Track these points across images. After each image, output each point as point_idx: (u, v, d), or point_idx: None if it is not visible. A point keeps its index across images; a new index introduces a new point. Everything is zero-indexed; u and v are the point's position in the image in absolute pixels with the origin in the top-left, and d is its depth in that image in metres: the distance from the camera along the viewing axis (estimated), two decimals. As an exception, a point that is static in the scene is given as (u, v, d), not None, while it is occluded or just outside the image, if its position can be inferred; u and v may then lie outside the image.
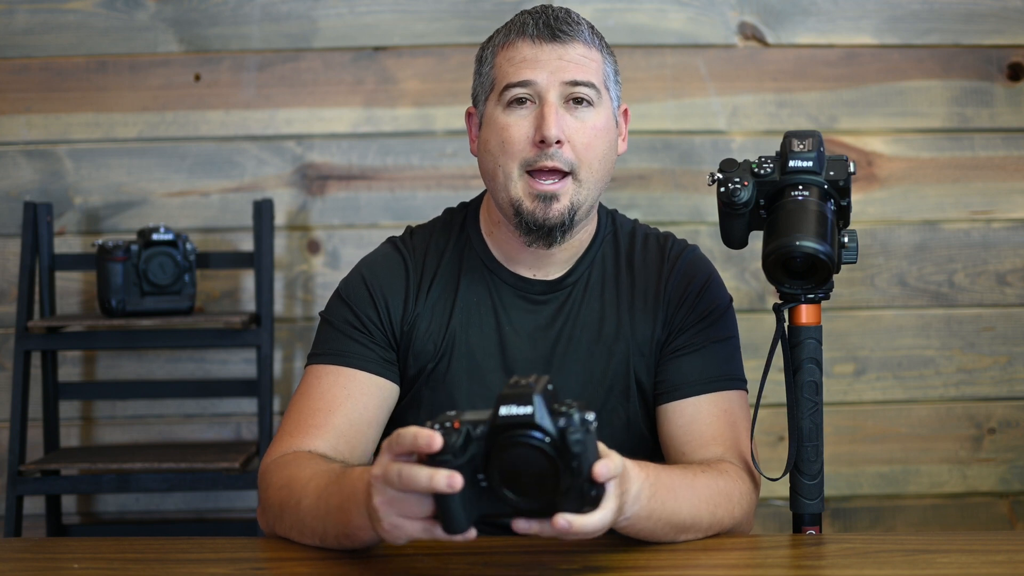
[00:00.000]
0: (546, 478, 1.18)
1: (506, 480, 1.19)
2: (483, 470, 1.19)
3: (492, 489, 1.19)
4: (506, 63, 1.61)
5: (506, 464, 1.18)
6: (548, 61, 1.59)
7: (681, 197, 2.71)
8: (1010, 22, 2.72)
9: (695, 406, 1.62)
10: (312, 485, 1.43)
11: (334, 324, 1.66)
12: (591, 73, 1.61)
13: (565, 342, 1.66)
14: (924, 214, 2.74)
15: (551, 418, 1.18)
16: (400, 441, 1.21)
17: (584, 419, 1.19)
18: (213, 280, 2.72)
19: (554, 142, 1.57)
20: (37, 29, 2.69)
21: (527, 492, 1.19)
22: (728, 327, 1.68)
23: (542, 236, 1.62)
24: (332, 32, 2.71)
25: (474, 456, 1.19)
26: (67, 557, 1.46)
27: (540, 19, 1.61)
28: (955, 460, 2.74)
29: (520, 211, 1.60)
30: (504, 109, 1.61)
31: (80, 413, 2.73)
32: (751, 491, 1.55)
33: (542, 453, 1.18)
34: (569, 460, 1.18)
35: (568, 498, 1.19)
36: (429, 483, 1.18)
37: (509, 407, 1.18)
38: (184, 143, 2.71)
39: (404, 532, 1.24)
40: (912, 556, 1.40)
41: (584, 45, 1.61)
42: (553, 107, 1.58)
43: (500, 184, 1.61)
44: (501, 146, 1.60)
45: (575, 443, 1.17)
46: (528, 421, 1.18)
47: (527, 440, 1.18)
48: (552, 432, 1.18)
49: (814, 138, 1.54)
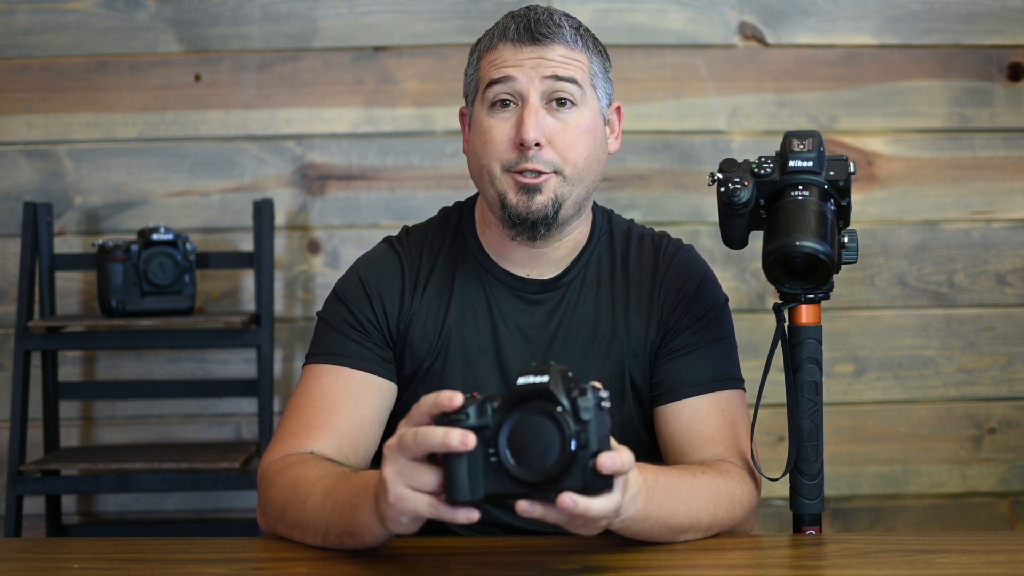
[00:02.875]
0: (552, 449, 1.19)
1: (514, 451, 1.20)
2: (494, 443, 1.21)
3: (500, 463, 1.20)
4: (488, 66, 1.62)
5: (516, 433, 1.20)
6: (527, 61, 1.60)
7: (681, 197, 2.71)
8: (1010, 22, 2.72)
9: (694, 406, 1.62)
10: (320, 485, 1.43)
11: (331, 324, 1.66)
12: (572, 71, 1.60)
13: (560, 342, 1.66)
14: (924, 214, 2.74)
15: (565, 390, 1.21)
16: (420, 406, 1.24)
17: (598, 395, 1.21)
18: (213, 280, 2.72)
19: (533, 144, 1.58)
20: (37, 29, 2.69)
21: (532, 465, 1.20)
22: (724, 327, 1.68)
23: (526, 229, 1.62)
24: (332, 32, 2.71)
25: (487, 426, 1.21)
26: (67, 557, 1.46)
27: (521, 22, 1.61)
28: (955, 460, 2.74)
29: (505, 204, 1.61)
30: (488, 110, 1.62)
31: (80, 413, 2.73)
32: (752, 491, 1.55)
33: (551, 420, 1.20)
34: (577, 432, 1.19)
35: (572, 475, 1.19)
36: (444, 439, 1.19)
37: (527, 377, 1.21)
38: (184, 143, 2.71)
39: (408, 505, 1.24)
40: (912, 556, 1.40)
41: (565, 46, 1.61)
42: (533, 108, 1.58)
43: (486, 182, 1.62)
44: (484, 147, 1.61)
45: (584, 411, 1.19)
46: (543, 389, 1.20)
47: (539, 407, 1.20)
48: (563, 402, 1.20)
49: (814, 138, 1.54)
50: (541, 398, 1.20)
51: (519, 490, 1.21)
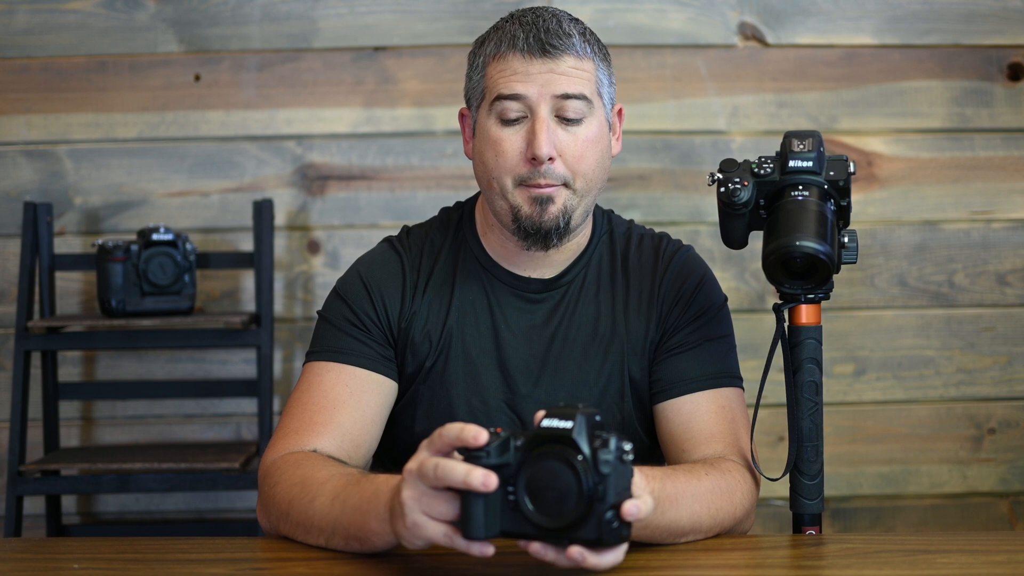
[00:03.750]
0: (569, 497, 1.19)
1: (532, 494, 1.20)
2: (513, 482, 1.21)
3: (517, 504, 1.20)
4: (497, 75, 1.61)
5: (535, 477, 1.20)
6: (539, 75, 1.59)
7: (681, 197, 2.71)
8: (1010, 22, 2.72)
9: (693, 403, 1.62)
10: (329, 485, 1.43)
11: (332, 322, 1.67)
12: (582, 84, 1.60)
13: (560, 341, 1.67)
14: (924, 214, 2.74)
15: (588, 438, 1.20)
16: (443, 434, 1.23)
17: (620, 447, 1.20)
18: (213, 280, 2.72)
19: (545, 160, 1.58)
20: (37, 29, 2.69)
21: (549, 511, 1.20)
22: (723, 326, 1.68)
23: (539, 240, 1.62)
24: (332, 32, 2.71)
25: (508, 464, 1.21)
26: (67, 557, 1.46)
27: (531, 32, 1.60)
28: (955, 460, 2.74)
29: (518, 217, 1.61)
30: (496, 121, 1.61)
31: (80, 413, 2.73)
32: (752, 490, 1.55)
33: (570, 469, 1.19)
34: (595, 483, 1.19)
35: (588, 525, 1.19)
36: (465, 477, 1.19)
37: (552, 420, 1.21)
38: (184, 143, 2.71)
39: (424, 532, 1.24)
40: (912, 556, 1.40)
41: (575, 57, 1.60)
42: (544, 123, 1.58)
43: (496, 194, 1.62)
44: (495, 160, 1.61)
45: (604, 464, 1.18)
46: (565, 435, 1.20)
47: (559, 453, 1.19)
48: (585, 450, 1.19)
49: (814, 138, 1.54)
50: (563, 444, 1.20)
51: (534, 532, 1.21)
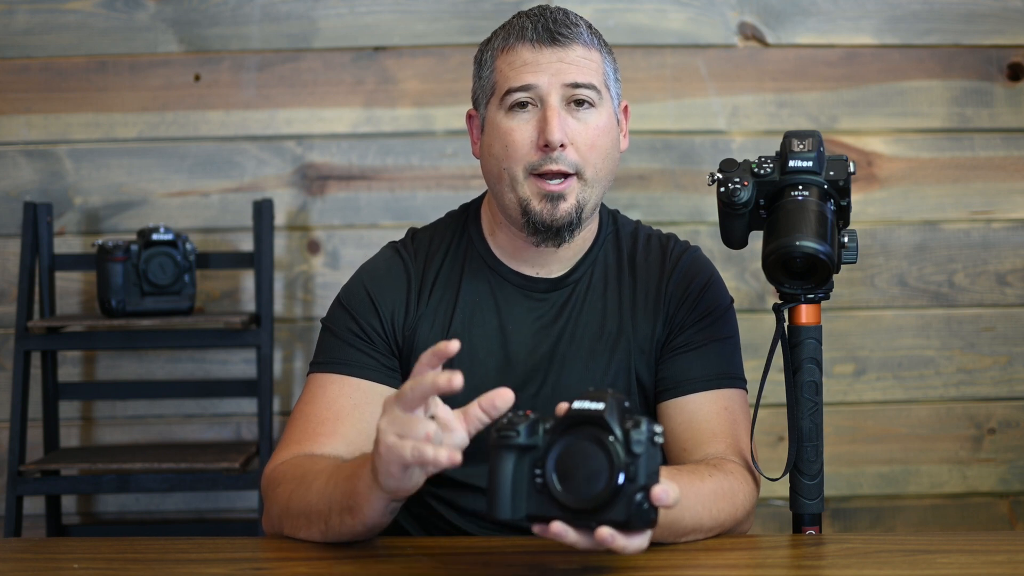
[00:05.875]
0: (600, 477, 1.19)
1: (561, 475, 1.20)
2: (541, 464, 1.21)
3: (545, 486, 1.20)
4: (507, 67, 1.62)
5: (565, 457, 1.20)
6: (548, 64, 1.60)
7: (681, 197, 2.71)
8: (1010, 22, 2.72)
9: (696, 403, 1.62)
10: (325, 472, 1.45)
11: (336, 332, 1.66)
12: (591, 74, 1.61)
13: (567, 340, 1.67)
14: (924, 214, 2.74)
15: (619, 419, 1.20)
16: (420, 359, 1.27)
17: (652, 429, 1.20)
18: (213, 280, 2.72)
19: (558, 146, 1.58)
20: (37, 29, 2.69)
21: (579, 491, 1.20)
22: (729, 327, 1.68)
23: (551, 236, 1.62)
24: (332, 32, 2.71)
25: (536, 446, 1.22)
26: (67, 557, 1.46)
27: (539, 22, 1.61)
28: (955, 460, 2.74)
29: (528, 211, 1.61)
30: (506, 113, 1.61)
31: (80, 413, 2.73)
32: (752, 491, 1.56)
33: (602, 449, 1.19)
34: (627, 464, 1.19)
35: (617, 506, 1.19)
36: (432, 379, 1.22)
37: (583, 402, 1.21)
38: (184, 143, 2.71)
39: (397, 452, 1.25)
40: (912, 556, 1.40)
41: (583, 46, 1.61)
42: (555, 110, 1.59)
43: (506, 186, 1.62)
44: (505, 150, 1.61)
45: (636, 443, 1.19)
46: (597, 416, 1.20)
47: (591, 433, 1.20)
48: (617, 431, 1.20)
49: (814, 138, 1.54)
50: (594, 425, 1.20)
51: (560, 514, 1.21)
